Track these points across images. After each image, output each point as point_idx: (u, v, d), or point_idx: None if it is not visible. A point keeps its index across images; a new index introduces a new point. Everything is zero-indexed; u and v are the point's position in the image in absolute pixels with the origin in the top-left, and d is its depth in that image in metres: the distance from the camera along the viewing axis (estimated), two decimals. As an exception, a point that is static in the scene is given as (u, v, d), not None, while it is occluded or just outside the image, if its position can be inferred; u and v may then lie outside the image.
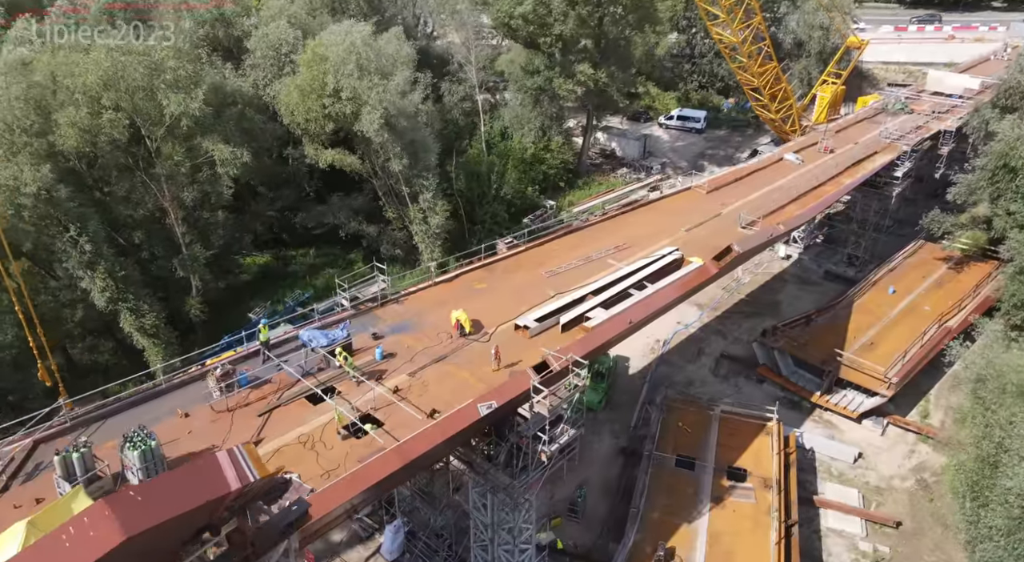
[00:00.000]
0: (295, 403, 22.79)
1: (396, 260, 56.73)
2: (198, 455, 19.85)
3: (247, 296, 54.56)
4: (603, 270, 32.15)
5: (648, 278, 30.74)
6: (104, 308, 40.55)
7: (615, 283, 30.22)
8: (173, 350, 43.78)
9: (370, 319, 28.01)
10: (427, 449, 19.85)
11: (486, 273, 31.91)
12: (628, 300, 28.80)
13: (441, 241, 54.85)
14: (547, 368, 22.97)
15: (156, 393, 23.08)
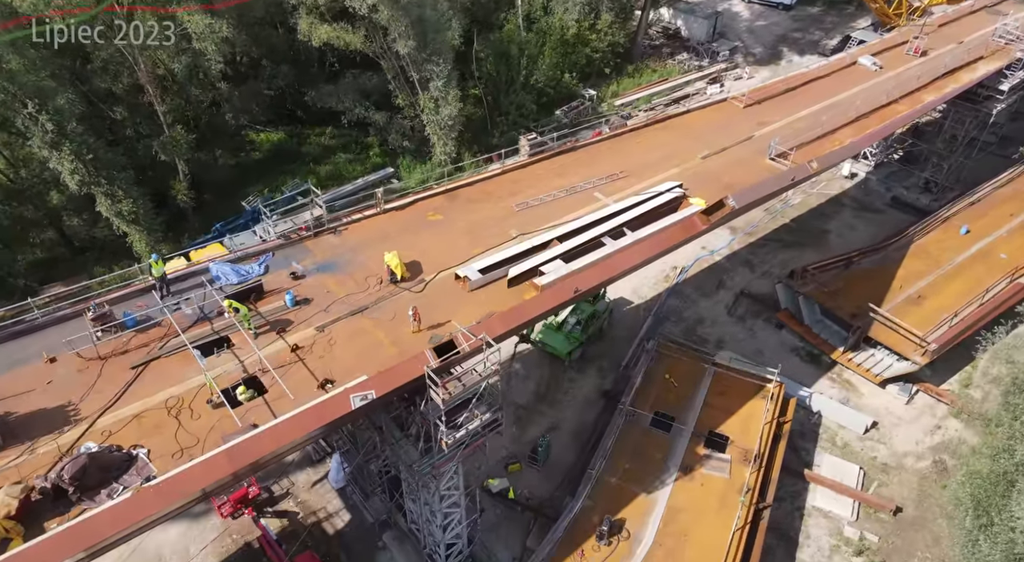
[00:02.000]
0: (179, 355, 20.25)
1: (406, 152, 52.28)
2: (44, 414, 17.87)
3: (254, 178, 51.86)
4: (584, 206, 27.30)
5: (632, 222, 25.81)
6: (77, 191, 38.73)
7: (590, 226, 25.53)
8: (158, 236, 42.26)
9: (298, 251, 24.71)
10: (261, 455, 16.77)
11: (446, 201, 27.62)
12: (594, 253, 24.19)
13: (456, 133, 49.77)
14: (453, 348, 19.36)
15: (34, 327, 20.89)
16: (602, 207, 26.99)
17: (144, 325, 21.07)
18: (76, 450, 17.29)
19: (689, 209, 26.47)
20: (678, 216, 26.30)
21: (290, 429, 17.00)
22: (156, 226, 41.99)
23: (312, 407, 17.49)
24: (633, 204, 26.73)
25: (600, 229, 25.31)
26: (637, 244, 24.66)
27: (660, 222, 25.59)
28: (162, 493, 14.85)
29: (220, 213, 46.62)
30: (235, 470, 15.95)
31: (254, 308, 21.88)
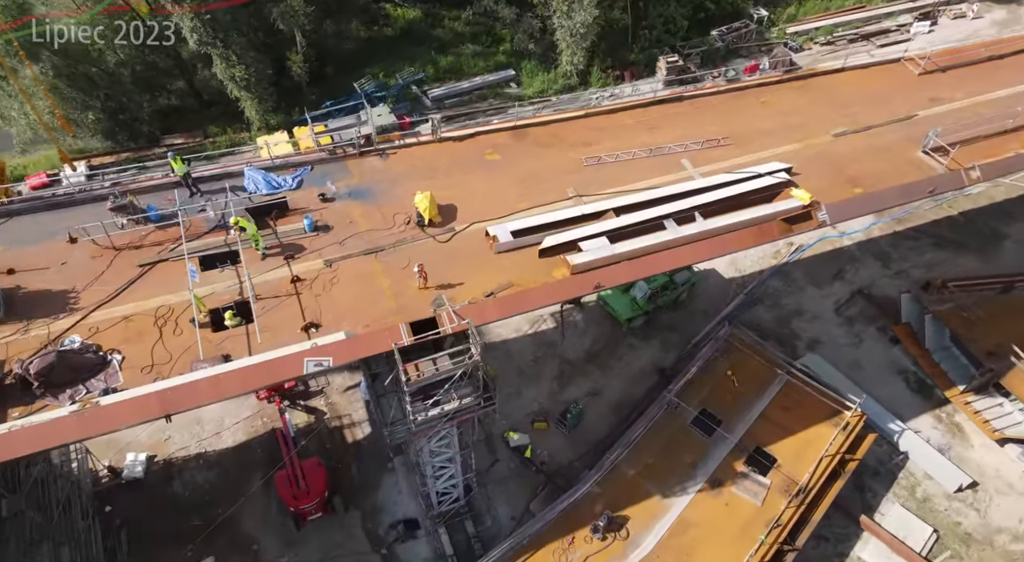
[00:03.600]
0: (185, 261, 19.90)
1: (531, 56, 48.15)
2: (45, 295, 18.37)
3: (381, 55, 50.34)
4: (663, 174, 23.28)
5: (708, 207, 21.65)
6: (195, 49, 39.19)
7: (656, 202, 21.73)
8: (268, 106, 42.57)
9: (339, 170, 23.18)
10: (195, 404, 15.95)
11: (511, 140, 24.58)
12: (644, 238, 20.59)
13: (588, 43, 44.91)
14: (434, 328, 17.33)
15: (68, 202, 21.29)
16: (682, 180, 22.85)
17: (165, 223, 20.83)
18: (61, 341, 17.72)
19: (783, 203, 21.69)
20: (786, 204, 21.60)
21: (233, 382, 16.25)
22: (267, 95, 42.20)
23: (263, 363, 16.55)
24: (720, 183, 22.35)
25: (666, 208, 21.46)
26: (700, 240, 20.62)
27: (734, 215, 21.17)
28: (84, 422, 14.81)
29: (336, 90, 46.08)
30: (164, 413, 15.58)
31: (273, 226, 20.96)
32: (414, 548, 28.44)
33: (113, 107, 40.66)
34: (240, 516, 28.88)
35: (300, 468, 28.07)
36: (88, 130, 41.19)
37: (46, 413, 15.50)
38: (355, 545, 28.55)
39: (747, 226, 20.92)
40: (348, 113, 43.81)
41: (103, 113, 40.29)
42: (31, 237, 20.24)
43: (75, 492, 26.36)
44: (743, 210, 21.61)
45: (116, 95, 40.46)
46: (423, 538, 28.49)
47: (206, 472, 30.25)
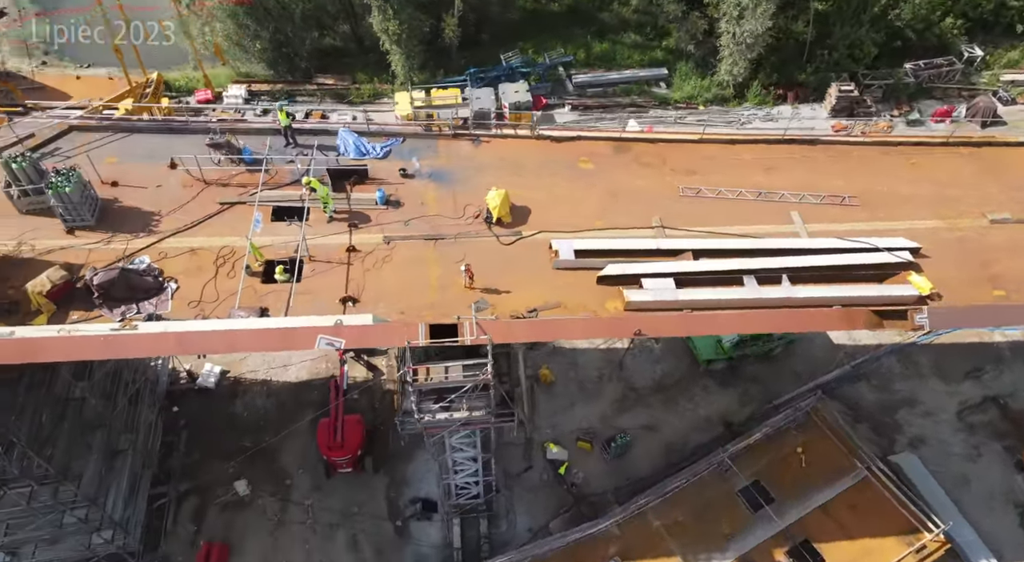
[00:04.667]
0: (262, 207, 20.61)
1: (689, 58, 45.15)
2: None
3: (537, 30, 49.32)
4: (766, 221, 20.84)
5: (804, 272, 19.08)
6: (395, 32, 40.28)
7: (742, 254, 19.49)
8: (414, 63, 43.24)
9: (428, 147, 22.89)
10: (208, 351, 16.57)
11: (612, 151, 23.01)
12: (712, 291, 18.52)
13: (755, 55, 41.35)
14: (453, 334, 16.61)
15: (181, 128, 22.68)
16: (784, 235, 20.32)
17: (255, 167, 21.64)
18: (132, 260, 19.06)
19: (894, 288, 18.61)
20: (898, 289, 18.61)
21: (245, 340, 16.66)
22: (416, 52, 42.77)
23: (281, 329, 16.74)
24: (826, 248, 19.61)
25: (752, 262, 19.17)
26: (777, 307, 18.20)
27: (827, 289, 18.42)
28: (108, 344, 15.78)
29: (484, 58, 45.93)
30: (179, 353, 16.29)
31: (348, 191, 21.14)
32: (426, 529, 28.62)
33: (280, 39, 43.12)
34: (282, 449, 30.46)
35: (341, 421, 28.98)
36: (254, 57, 44.07)
37: (91, 324, 16.76)
38: (374, 508, 29.21)
39: (837, 303, 18.19)
40: (488, 83, 43.77)
41: (269, 44, 42.85)
42: (141, 155, 21.84)
43: (148, 388, 28.98)
44: (841, 285, 18.84)
45: (284, 29, 42.84)
46: (437, 522, 28.59)
47: (265, 399, 32.09)
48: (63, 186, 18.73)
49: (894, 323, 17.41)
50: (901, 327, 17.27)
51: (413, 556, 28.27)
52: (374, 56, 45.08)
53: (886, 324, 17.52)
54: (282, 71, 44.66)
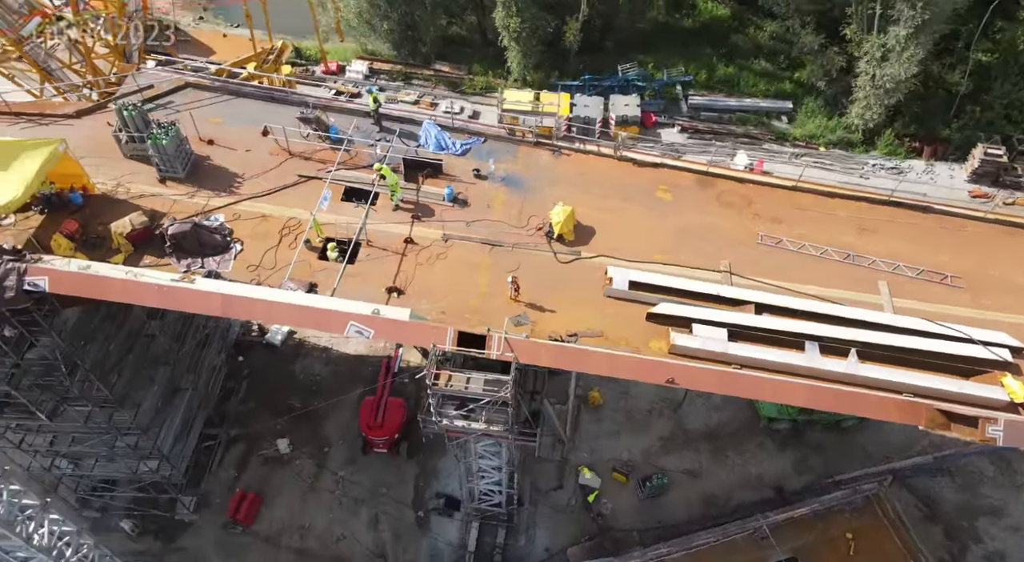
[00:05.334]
0: (333, 186, 21.17)
1: (819, 94, 42.32)
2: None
3: (665, 44, 47.82)
4: (846, 286, 19.10)
5: (875, 349, 17.31)
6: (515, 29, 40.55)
7: (811, 318, 17.95)
8: (531, 62, 43.19)
9: (507, 151, 22.65)
10: (247, 317, 17.05)
11: (695, 184, 21.84)
12: (768, 352, 17.13)
13: (894, 101, 38.22)
14: (479, 345, 16.24)
15: (283, 99, 23.64)
16: (865, 305, 18.54)
17: (338, 146, 22.24)
18: (208, 216, 20.13)
19: (979, 387, 16.46)
20: (932, 382, 16.58)
21: (281, 314, 17.12)
22: (533, 52, 42.70)
23: (315, 308, 17.02)
24: (910, 329, 17.70)
25: (820, 328, 17.60)
26: (834, 382, 16.54)
27: (899, 373, 16.56)
28: (162, 294, 16.67)
29: (602, 66, 45.19)
30: (222, 314, 16.99)
31: (419, 182, 21.33)
32: (445, 525, 28.73)
33: (407, 22, 44.35)
34: (327, 417, 31.49)
35: (385, 401, 29.56)
36: (380, 36, 45.59)
37: (156, 271, 17.81)
38: (401, 493, 29.63)
39: (907, 392, 16.33)
40: (601, 93, 43.03)
41: (397, 25, 44.17)
42: (241, 119, 22.99)
43: (219, 335, 30.75)
44: (918, 371, 16.92)
45: (413, 12, 44.00)
46: (457, 521, 28.60)
47: (323, 366, 33.26)
48: (161, 138, 20.05)
49: (962, 428, 15.35)
50: (969, 435, 15.23)
51: (428, 549, 28.47)
52: (493, 50, 45.42)
53: (953, 428, 15.50)
54: (404, 53, 45.95)
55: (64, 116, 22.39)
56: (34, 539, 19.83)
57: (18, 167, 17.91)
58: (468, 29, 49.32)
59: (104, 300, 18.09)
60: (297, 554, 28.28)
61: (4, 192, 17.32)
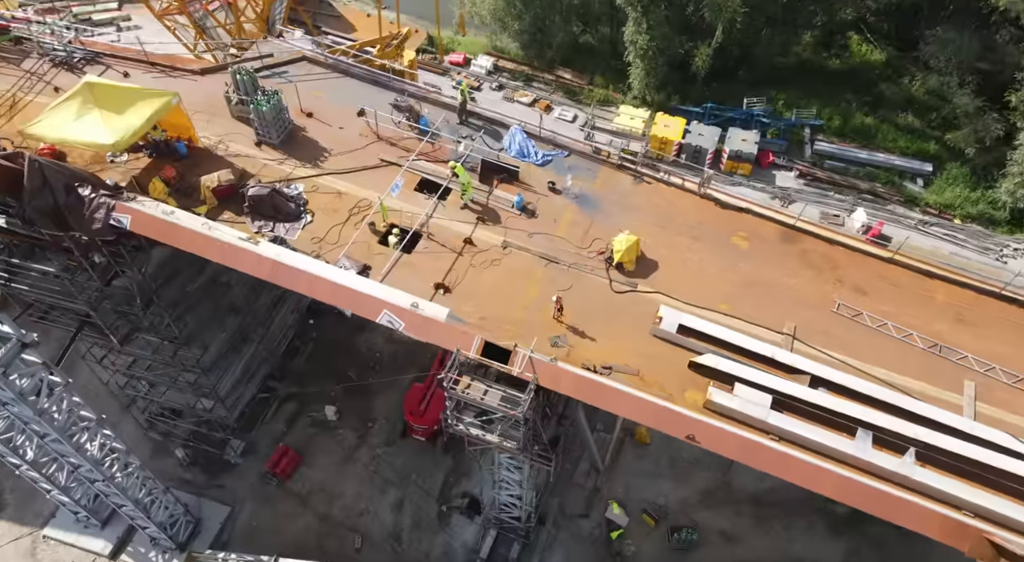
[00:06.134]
0: (410, 175, 21.54)
1: (967, 162, 38.33)
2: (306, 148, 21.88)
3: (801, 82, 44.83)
4: (919, 378, 17.15)
5: (938, 453, 15.43)
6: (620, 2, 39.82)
7: (873, 404, 16.27)
8: (652, 82, 42.12)
9: (588, 170, 22.06)
10: (290, 287, 17.89)
11: (777, 236, 20.34)
12: (815, 431, 15.63)
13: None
14: (504, 359, 15.83)
15: (385, 84, 24.28)
16: (940, 404, 16.56)
17: (424, 137, 22.57)
18: (289, 184, 21.08)
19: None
20: (997, 505, 14.44)
21: (322, 290, 17.55)
22: (657, 72, 41.57)
23: (351, 289, 17.30)
24: (987, 440, 15.62)
25: (879, 418, 15.89)
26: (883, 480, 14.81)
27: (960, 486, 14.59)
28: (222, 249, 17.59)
29: (727, 96, 43.25)
30: (270, 280, 17.72)
31: (493, 186, 21.29)
32: (464, 526, 28.73)
33: (539, 25, 44.54)
34: (378, 394, 32.32)
35: (432, 392, 29.90)
36: (510, 35, 46.07)
37: (227, 228, 18.89)
38: (430, 484, 29.93)
39: (967, 510, 14.37)
40: (721, 123, 41.23)
41: (528, 26, 44.46)
42: (342, 97, 23.86)
43: (295, 295, 32.21)
44: (984, 489, 14.89)
45: (547, 16, 44.12)
46: (476, 525, 28.51)
47: (386, 344, 34.16)
48: (262, 104, 21.20)
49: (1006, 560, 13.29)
50: None
51: (443, 545, 28.59)
52: (618, 64, 44.66)
53: (1000, 559, 13.43)
54: (531, 55, 46.18)
55: (191, 72, 24.18)
56: (87, 449, 21.71)
57: (132, 112, 19.52)
58: (599, 39, 48.81)
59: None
60: (321, 518, 29.28)
61: (114, 132, 18.92)
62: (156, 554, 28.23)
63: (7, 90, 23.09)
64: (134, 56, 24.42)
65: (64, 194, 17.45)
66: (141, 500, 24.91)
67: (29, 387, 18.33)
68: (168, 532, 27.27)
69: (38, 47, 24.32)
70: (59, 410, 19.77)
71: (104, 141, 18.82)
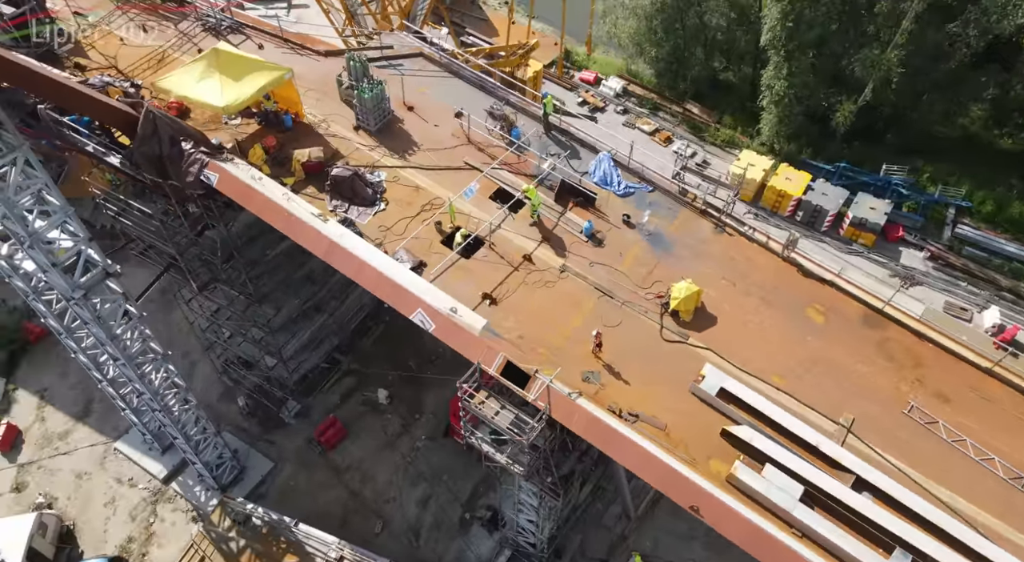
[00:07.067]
0: (487, 183, 21.56)
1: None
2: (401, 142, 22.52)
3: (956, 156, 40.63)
4: (993, 509, 14.86)
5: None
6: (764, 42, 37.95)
7: (920, 523, 14.31)
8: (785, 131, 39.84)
9: (668, 208, 21.03)
10: (342, 270, 18.34)
11: (859, 318, 18.39)
12: (843, 536, 13.92)
13: None
14: (523, 383, 15.28)
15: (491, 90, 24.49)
16: (1009, 544, 14.28)
17: (511, 148, 22.49)
18: (373, 170, 21.76)
19: None
20: None
21: (367, 277, 17.85)
22: (791, 121, 39.30)
23: (395, 282, 17.42)
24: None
25: (927, 542, 13.92)
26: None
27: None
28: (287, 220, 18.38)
29: (866, 158, 40.11)
30: (324, 258, 18.30)
31: (566, 208, 20.88)
32: (481, 538, 28.39)
33: (677, 56, 43.50)
34: (430, 388, 32.68)
35: (480, 399, 29.79)
36: (646, 61, 45.31)
37: (303, 201, 19.76)
38: (459, 489, 29.86)
39: None
40: (849, 186, 38.20)
41: (665, 55, 43.52)
42: (446, 97, 24.35)
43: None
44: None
45: (685, 47, 43.02)
46: (493, 541, 28.07)
47: (451, 342, 34.49)
48: (365, 91, 22.04)
49: None
50: None
51: (457, 551, 28.42)
52: (752, 106, 42.71)
53: None
54: (663, 84, 45.20)
55: (316, 52, 25.62)
56: (150, 378, 23.53)
57: (247, 81, 20.91)
58: (740, 79, 46.91)
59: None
60: (351, 494, 30.00)
61: (225, 96, 20.34)
62: (200, 490, 30.08)
63: (160, 46, 25.59)
64: (272, 31, 26.24)
65: (169, 145, 18.97)
66: (192, 436, 26.64)
67: (107, 312, 20.13)
68: (213, 472, 28.97)
69: (195, 11, 26.74)
70: (130, 339, 21.56)
71: (215, 103, 20.29)
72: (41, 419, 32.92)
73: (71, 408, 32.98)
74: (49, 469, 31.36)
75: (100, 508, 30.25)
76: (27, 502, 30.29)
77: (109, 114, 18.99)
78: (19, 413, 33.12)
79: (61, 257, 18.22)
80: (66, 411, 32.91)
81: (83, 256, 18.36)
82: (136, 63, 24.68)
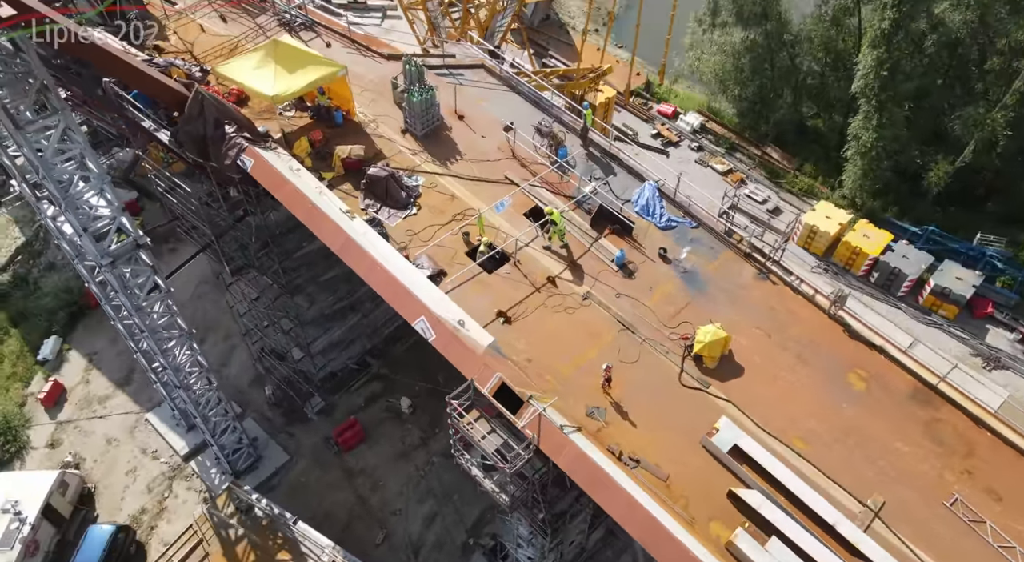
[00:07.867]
0: (522, 196, 20.79)
1: None
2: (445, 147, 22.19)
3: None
4: None
5: None
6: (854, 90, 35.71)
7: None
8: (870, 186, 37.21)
9: (710, 247, 19.57)
10: (356, 270, 17.76)
11: (908, 394, 16.30)
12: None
13: None
14: (516, 408, 14.17)
15: (545, 108, 23.87)
16: None
17: (553, 167, 21.67)
18: (411, 174, 21.45)
19: None
20: None
21: (379, 280, 17.27)
22: (877, 174, 36.58)
23: (402, 288, 16.71)
24: None
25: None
26: None
27: None
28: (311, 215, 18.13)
29: (959, 224, 36.90)
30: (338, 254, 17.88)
31: (600, 234, 19.82)
32: (480, 566, 27.18)
33: (761, 96, 41.73)
34: (455, 404, 31.88)
35: (500, 423, 28.75)
36: (728, 99, 43.64)
37: (335, 196, 19.58)
38: (465, 512, 28.84)
39: None
40: (935, 252, 35.12)
41: (750, 95, 41.81)
42: (498, 109, 23.84)
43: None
44: None
45: (772, 88, 41.23)
46: (492, 570, 26.84)
47: (483, 361, 33.67)
48: (414, 95, 21.85)
49: None
50: None
51: (454, 576, 27.35)
52: (837, 156, 40.27)
53: None
54: (744, 124, 43.41)
55: (379, 54, 25.79)
56: (173, 354, 23.86)
57: (300, 74, 21.10)
58: (829, 127, 44.46)
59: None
60: (358, 499, 29.49)
61: (275, 87, 20.56)
62: (216, 473, 30.33)
63: (235, 36, 26.45)
64: (341, 31, 26.66)
65: (213, 127, 19.29)
66: (210, 418, 26.86)
67: (135, 283, 20.54)
68: (229, 457, 29.13)
69: (274, 5, 27.57)
70: (156, 312, 21.94)
71: (266, 91, 20.53)
72: (86, 381, 34.25)
73: (115, 374, 34.17)
74: (84, 430, 32.47)
75: (122, 476, 30.97)
76: (58, 459, 31.39)
77: (162, 91, 19.53)
78: (68, 373, 34.61)
79: (96, 225, 18.74)
80: (109, 377, 34.12)
81: (115, 224, 18.78)
82: (210, 50, 25.56)
